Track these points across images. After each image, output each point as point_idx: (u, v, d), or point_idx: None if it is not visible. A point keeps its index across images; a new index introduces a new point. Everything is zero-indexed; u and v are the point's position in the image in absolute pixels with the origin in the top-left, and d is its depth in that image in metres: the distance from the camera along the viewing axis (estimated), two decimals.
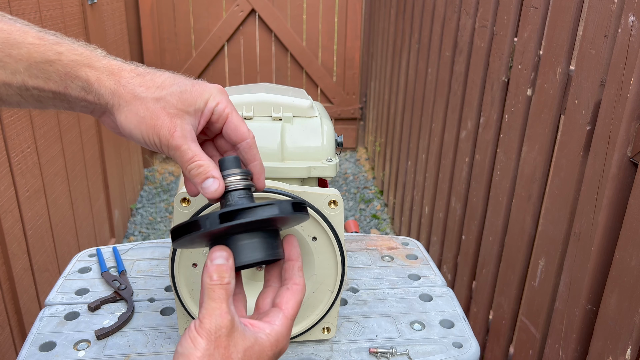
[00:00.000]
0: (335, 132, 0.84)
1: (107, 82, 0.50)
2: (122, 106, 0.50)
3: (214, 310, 0.47)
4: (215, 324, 0.46)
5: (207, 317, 0.47)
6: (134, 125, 0.50)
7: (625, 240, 1.00)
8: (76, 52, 0.50)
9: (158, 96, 0.50)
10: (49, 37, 0.50)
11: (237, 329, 0.47)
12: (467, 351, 0.82)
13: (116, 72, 0.50)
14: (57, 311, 0.88)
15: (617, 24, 1.04)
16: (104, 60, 0.51)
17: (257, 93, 0.80)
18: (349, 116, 4.05)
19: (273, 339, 0.49)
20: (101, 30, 2.57)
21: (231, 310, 0.47)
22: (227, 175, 0.52)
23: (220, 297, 0.47)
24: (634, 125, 0.99)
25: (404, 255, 1.09)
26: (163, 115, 0.50)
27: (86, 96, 0.50)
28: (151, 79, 0.51)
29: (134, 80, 0.50)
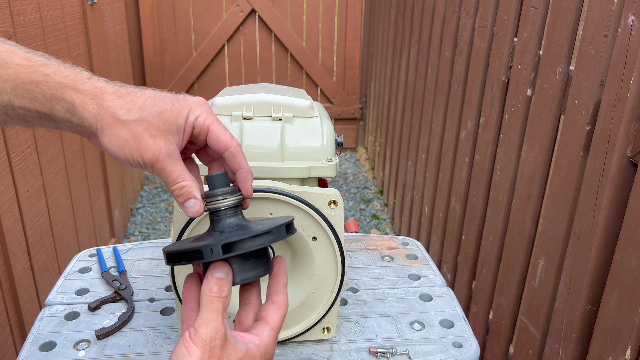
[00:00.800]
0: (335, 132, 0.84)
1: (91, 105, 0.50)
2: (105, 129, 0.50)
3: (210, 321, 0.48)
4: (210, 334, 0.48)
5: (203, 326, 0.48)
6: (117, 148, 0.51)
7: (625, 240, 1.00)
8: (62, 75, 0.50)
9: (139, 117, 0.51)
10: (36, 58, 0.50)
11: (229, 341, 0.49)
12: (467, 351, 0.82)
13: (99, 95, 0.51)
14: (57, 311, 0.88)
15: (617, 24, 1.04)
16: (89, 83, 0.51)
17: (257, 93, 0.80)
18: (349, 116, 4.05)
19: (262, 350, 0.51)
20: (101, 30, 2.57)
21: (225, 323, 0.49)
22: (215, 195, 0.54)
23: (218, 309, 0.49)
24: (634, 125, 0.99)
25: (404, 255, 1.09)
26: (146, 137, 0.50)
27: (71, 118, 0.51)
28: (132, 100, 0.51)
29: (115, 102, 0.51)
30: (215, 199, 0.54)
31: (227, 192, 0.55)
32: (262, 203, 0.71)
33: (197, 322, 0.48)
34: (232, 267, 0.52)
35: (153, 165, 0.51)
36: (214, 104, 0.80)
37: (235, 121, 0.78)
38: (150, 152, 0.50)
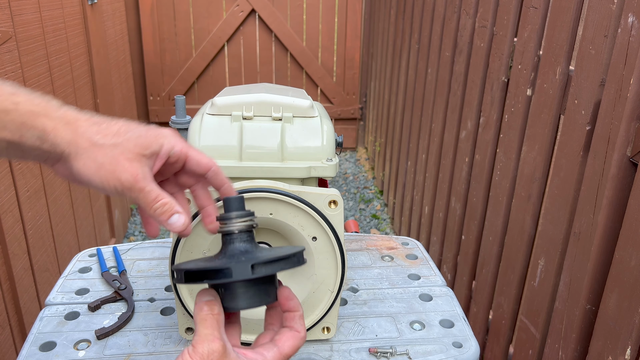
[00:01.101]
0: (335, 132, 0.84)
1: (64, 131, 0.51)
2: (79, 154, 0.51)
3: (206, 336, 0.49)
4: (207, 348, 0.48)
5: (200, 342, 0.49)
6: (92, 171, 0.51)
7: (624, 240, 1.00)
8: (33, 103, 0.51)
9: (115, 142, 0.52)
10: (5, 87, 0.51)
11: (229, 355, 0.49)
12: (466, 351, 0.82)
13: (72, 122, 0.51)
14: (57, 311, 0.88)
15: (617, 24, 1.04)
16: (60, 111, 0.52)
17: (257, 93, 0.80)
18: (349, 116, 4.05)
19: None
20: (101, 31, 2.57)
21: (223, 337, 0.50)
22: (230, 217, 0.55)
23: (212, 324, 0.50)
24: (634, 125, 0.99)
25: (404, 255, 1.09)
26: (122, 160, 0.51)
27: (41, 145, 0.51)
28: (107, 127, 0.53)
29: (90, 128, 0.52)
30: (230, 221, 0.55)
31: (243, 215, 0.55)
32: (262, 203, 0.71)
33: (194, 340, 0.50)
34: (230, 293, 0.53)
35: (131, 186, 0.51)
36: (214, 104, 0.80)
37: (235, 121, 0.78)
38: (128, 174, 0.51)
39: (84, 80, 2.28)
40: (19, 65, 1.62)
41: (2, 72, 1.51)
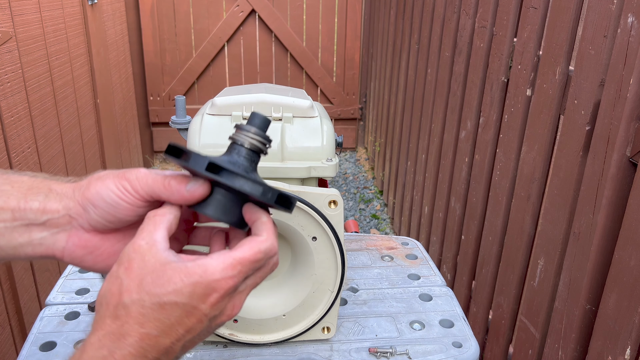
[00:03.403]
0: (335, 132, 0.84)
1: (69, 185, 0.52)
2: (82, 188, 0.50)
3: (137, 237, 0.46)
4: (128, 248, 0.45)
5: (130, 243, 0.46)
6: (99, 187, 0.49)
7: (624, 240, 1.00)
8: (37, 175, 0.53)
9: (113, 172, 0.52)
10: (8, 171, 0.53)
11: (154, 254, 0.45)
12: (466, 351, 0.82)
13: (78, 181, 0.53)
14: (57, 311, 0.88)
15: (617, 25, 1.04)
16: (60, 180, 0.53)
17: (257, 93, 0.81)
18: (348, 116, 4.06)
19: (199, 269, 0.44)
20: (101, 31, 2.57)
21: (153, 237, 0.45)
22: (248, 130, 0.51)
23: (145, 227, 0.46)
24: (633, 126, 1.00)
25: (404, 255, 1.09)
26: (121, 170, 0.51)
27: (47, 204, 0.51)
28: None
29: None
30: (243, 133, 0.51)
31: (258, 133, 0.52)
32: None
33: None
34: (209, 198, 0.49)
35: (137, 177, 0.49)
36: (214, 104, 0.80)
37: (235, 121, 0.78)
38: (131, 172, 0.50)
39: (84, 81, 2.28)
40: (19, 65, 1.62)
41: (2, 72, 1.51)
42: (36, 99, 1.75)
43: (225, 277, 0.45)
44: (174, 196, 0.48)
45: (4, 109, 1.51)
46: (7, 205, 0.49)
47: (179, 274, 0.44)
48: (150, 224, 0.47)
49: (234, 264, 0.46)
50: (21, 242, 0.50)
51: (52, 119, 1.88)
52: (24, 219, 0.49)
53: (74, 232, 0.51)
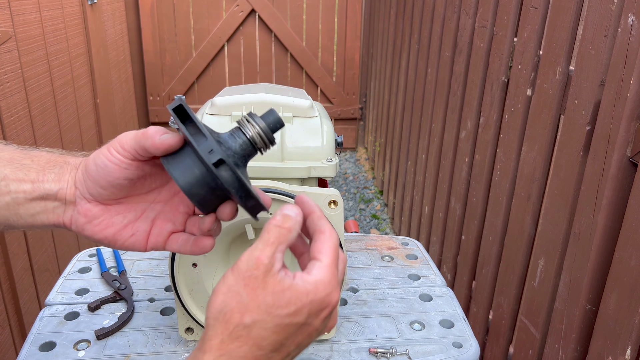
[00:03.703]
0: (335, 132, 0.84)
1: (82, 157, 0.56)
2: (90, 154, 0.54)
3: (256, 249, 0.46)
4: (249, 263, 0.45)
5: (246, 255, 0.46)
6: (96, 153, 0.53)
7: (624, 240, 1.00)
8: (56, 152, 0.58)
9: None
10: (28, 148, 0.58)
11: (273, 274, 0.45)
12: (466, 351, 0.82)
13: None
14: (57, 311, 0.88)
15: (617, 24, 1.04)
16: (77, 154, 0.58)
17: (257, 93, 0.80)
18: (349, 116, 4.05)
19: (310, 287, 0.46)
20: (101, 31, 2.57)
21: (275, 256, 0.45)
22: (257, 122, 0.50)
23: (269, 239, 0.46)
24: (634, 125, 0.99)
25: (404, 255, 1.09)
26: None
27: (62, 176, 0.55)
28: None
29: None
30: (252, 123, 0.50)
31: (265, 130, 0.50)
32: None
33: (247, 250, 0.47)
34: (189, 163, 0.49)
35: (125, 135, 0.52)
36: (214, 104, 0.80)
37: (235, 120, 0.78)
38: (129, 133, 0.52)
39: (83, 80, 2.28)
40: (19, 65, 1.62)
41: (2, 72, 1.51)
42: (36, 99, 1.75)
43: (334, 290, 0.47)
44: (148, 142, 0.50)
45: (4, 109, 1.51)
46: (27, 177, 0.53)
47: (298, 294, 0.45)
48: (273, 236, 0.46)
49: (334, 273, 0.47)
50: (38, 210, 0.54)
51: (51, 118, 1.88)
52: (41, 190, 0.53)
53: (79, 202, 0.54)
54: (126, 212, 0.55)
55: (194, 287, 0.76)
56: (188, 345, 0.82)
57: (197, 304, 0.78)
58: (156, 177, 0.56)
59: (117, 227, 0.55)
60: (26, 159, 0.55)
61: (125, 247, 0.56)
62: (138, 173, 0.53)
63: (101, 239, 0.55)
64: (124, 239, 0.55)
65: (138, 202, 0.56)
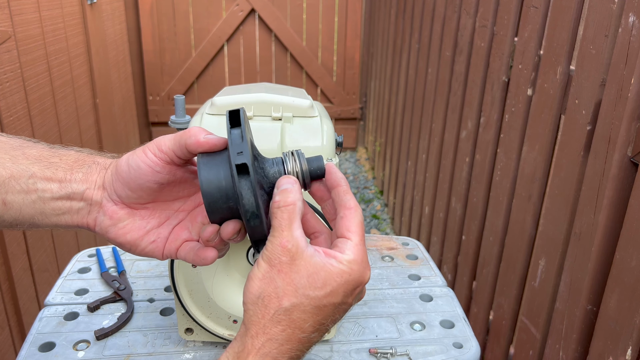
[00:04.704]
0: (335, 132, 0.84)
1: (111, 158, 0.56)
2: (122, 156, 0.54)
3: (276, 237, 0.46)
4: (276, 250, 0.46)
5: (270, 242, 0.47)
6: (129, 155, 0.53)
7: (625, 240, 1.00)
8: (84, 150, 0.58)
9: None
10: (56, 146, 0.58)
11: (301, 255, 0.46)
12: (467, 351, 0.82)
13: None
14: (56, 311, 0.88)
15: (618, 24, 1.04)
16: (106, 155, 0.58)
17: (257, 93, 0.80)
18: (349, 116, 4.05)
19: (345, 267, 0.47)
20: (101, 30, 2.56)
21: (295, 236, 0.46)
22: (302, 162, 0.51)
23: (281, 222, 0.46)
24: (635, 125, 0.99)
25: (404, 255, 1.09)
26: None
27: (90, 176, 0.55)
28: None
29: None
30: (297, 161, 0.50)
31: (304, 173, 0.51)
32: None
33: (268, 239, 0.47)
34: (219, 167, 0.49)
35: (162, 137, 0.52)
36: (214, 104, 0.79)
37: None
38: (167, 135, 0.52)
39: (83, 80, 2.28)
40: (18, 65, 1.62)
41: (1, 72, 1.51)
42: (35, 99, 1.74)
43: (366, 268, 0.48)
44: (192, 139, 0.50)
45: (3, 108, 1.51)
46: (55, 176, 0.53)
47: (333, 276, 0.46)
48: (284, 217, 0.47)
49: (365, 253, 0.49)
50: (63, 210, 0.54)
51: (51, 118, 1.87)
52: (68, 189, 0.53)
53: (105, 203, 0.54)
54: (150, 217, 0.56)
55: (194, 288, 0.76)
56: (188, 345, 0.82)
57: (197, 304, 0.77)
58: (185, 185, 0.56)
59: (141, 232, 0.55)
60: (54, 158, 0.55)
61: (144, 254, 0.56)
62: (169, 178, 0.53)
63: (123, 243, 0.55)
64: (145, 245, 0.55)
65: (163, 209, 0.56)
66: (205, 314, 0.78)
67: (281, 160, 0.51)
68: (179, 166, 0.53)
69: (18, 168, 0.53)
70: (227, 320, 0.78)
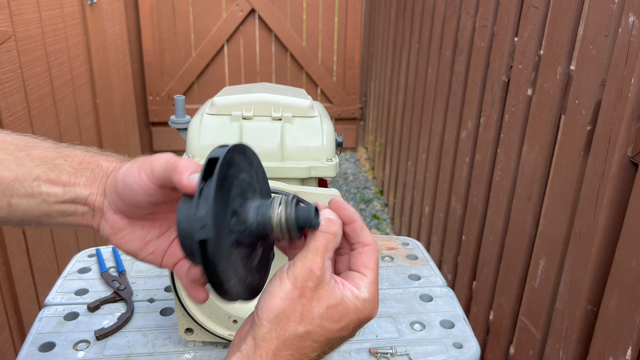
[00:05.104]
0: (335, 132, 0.84)
1: (116, 162, 0.55)
2: (123, 166, 0.53)
3: (307, 259, 0.46)
4: (304, 273, 0.46)
5: (300, 263, 0.46)
6: (127, 168, 0.52)
7: (625, 240, 1.00)
8: (90, 150, 0.57)
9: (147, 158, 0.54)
10: (63, 144, 0.57)
11: (324, 285, 0.46)
12: (467, 351, 0.82)
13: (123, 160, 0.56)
14: (56, 311, 0.88)
15: (618, 24, 1.04)
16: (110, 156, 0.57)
17: (257, 93, 0.80)
18: (349, 116, 4.05)
19: (360, 304, 0.48)
20: (101, 30, 2.56)
21: (325, 265, 0.47)
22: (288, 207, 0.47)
23: (318, 247, 0.46)
24: (635, 125, 0.99)
25: (404, 255, 1.09)
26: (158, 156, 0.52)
27: (94, 181, 0.54)
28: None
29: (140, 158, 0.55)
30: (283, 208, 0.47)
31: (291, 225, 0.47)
32: None
33: (297, 257, 0.47)
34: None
35: (158, 158, 0.50)
36: (214, 104, 0.79)
37: (235, 121, 0.78)
38: (161, 159, 0.50)
39: (83, 80, 2.28)
40: (18, 65, 1.62)
41: (2, 72, 1.51)
42: (35, 99, 1.74)
43: (376, 307, 0.50)
44: (176, 177, 0.48)
45: (3, 108, 1.51)
46: (59, 179, 0.53)
47: (348, 311, 0.47)
48: (322, 244, 0.47)
49: (377, 291, 0.50)
50: (69, 212, 0.54)
51: (51, 118, 1.87)
52: (72, 193, 0.53)
53: (106, 211, 0.54)
54: (150, 228, 0.55)
55: None
56: (188, 345, 0.82)
57: (197, 304, 0.77)
58: None
59: (140, 243, 0.55)
60: (59, 159, 0.54)
61: (145, 262, 0.56)
62: (164, 199, 0.52)
63: (125, 251, 0.56)
64: (144, 255, 0.55)
65: (162, 220, 0.56)
66: (205, 314, 0.78)
67: (270, 203, 0.47)
68: (173, 189, 0.51)
69: (23, 170, 0.52)
70: (227, 320, 0.78)
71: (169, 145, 3.89)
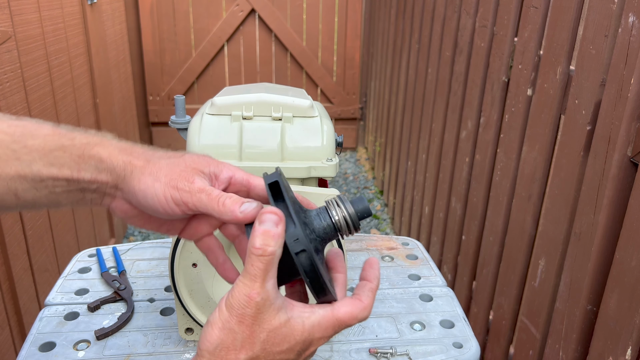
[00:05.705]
0: (335, 132, 0.84)
1: (119, 156, 0.52)
2: (134, 173, 0.51)
3: (246, 286, 0.44)
4: (242, 301, 0.44)
5: (237, 290, 0.45)
6: (148, 185, 0.50)
7: (625, 240, 1.00)
8: (87, 136, 0.54)
9: (170, 161, 0.52)
10: (61, 129, 0.54)
11: (267, 309, 0.45)
12: (467, 351, 0.82)
13: (128, 150, 0.53)
14: (56, 311, 0.88)
15: (618, 24, 1.04)
16: (115, 141, 0.54)
17: (257, 93, 0.80)
18: (349, 116, 4.05)
19: (307, 326, 0.46)
20: (101, 30, 2.56)
21: (266, 288, 0.44)
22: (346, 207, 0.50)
23: (256, 272, 0.44)
24: (634, 125, 0.99)
25: (404, 255, 1.09)
26: (177, 170, 0.50)
27: (98, 176, 0.52)
28: (163, 152, 0.54)
29: (145, 153, 0.53)
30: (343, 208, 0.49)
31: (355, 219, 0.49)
32: None
33: (237, 282, 0.45)
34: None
35: (189, 188, 0.49)
36: (214, 104, 0.80)
37: (235, 121, 0.78)
38: (184, 179, 0.49)
39: (83, 80, 2.28)
40: (19, 65, 1.62)
41: (2, 72, 1.51)
42: (35, 99, 1.75)
43: (326, 336, 0.48)
44: (227, 215, 0.48)
45: (3, 108, 1.51)
46: (61, 174, 0.52)
47: (294, 333, 0.46)
48: (260, 267, 0.44)
49: (335, 325, 0.48)
50: (78, 199, 0.54)
51: (51, 118, 1.88)
52: (77, 185, 0.53)
53: (118, 199, 0.54)
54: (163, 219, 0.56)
55: (194, 288, 0.76)
56: (188, 345, 0.82)
57: (197, 304, 0.77)
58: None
59: (153, 225, 0.56)
60: (59, 151, 0.52)
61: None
62: (187, 215, 0.52)
63: (141, 227, 0.57)
64: (160, 231, 0.56)
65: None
66: (205, 314, 0.78)
67: (326, 211, 0.50)
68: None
69: (22, 165, 0.51)
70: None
71: (169, 145, 3.89)
